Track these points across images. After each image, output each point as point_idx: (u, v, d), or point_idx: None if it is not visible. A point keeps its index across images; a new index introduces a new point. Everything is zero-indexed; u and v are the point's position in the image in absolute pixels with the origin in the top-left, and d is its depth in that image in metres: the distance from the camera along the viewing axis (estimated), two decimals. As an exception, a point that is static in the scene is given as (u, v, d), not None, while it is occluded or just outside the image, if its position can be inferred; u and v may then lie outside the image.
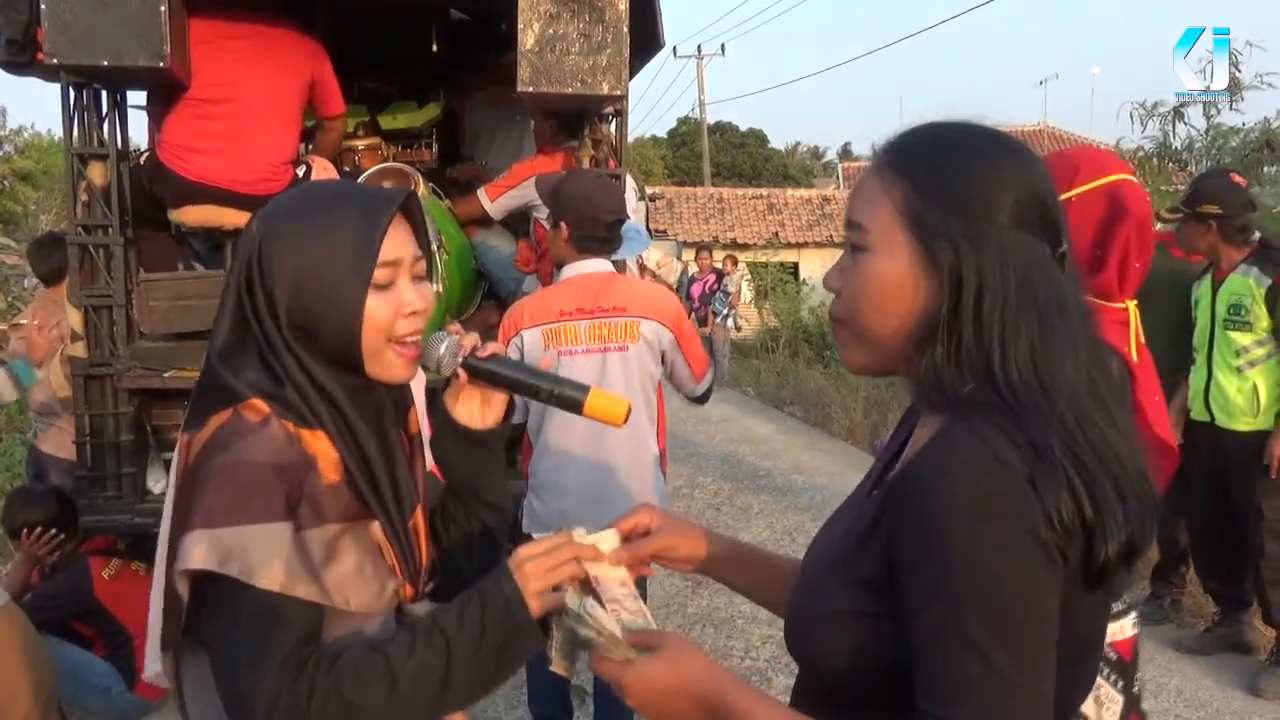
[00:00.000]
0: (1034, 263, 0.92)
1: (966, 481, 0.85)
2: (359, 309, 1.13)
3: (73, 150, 3.24)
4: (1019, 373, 0.89)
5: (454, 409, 1.27)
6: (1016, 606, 0.84)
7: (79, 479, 3.45)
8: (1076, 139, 27.17)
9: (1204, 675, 3.88)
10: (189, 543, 1.05)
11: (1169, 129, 7.50)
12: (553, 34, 3.13)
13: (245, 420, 1.11)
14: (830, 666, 0.96)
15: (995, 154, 0.96)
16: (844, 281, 1.00)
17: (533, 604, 1.08)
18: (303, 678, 1.04)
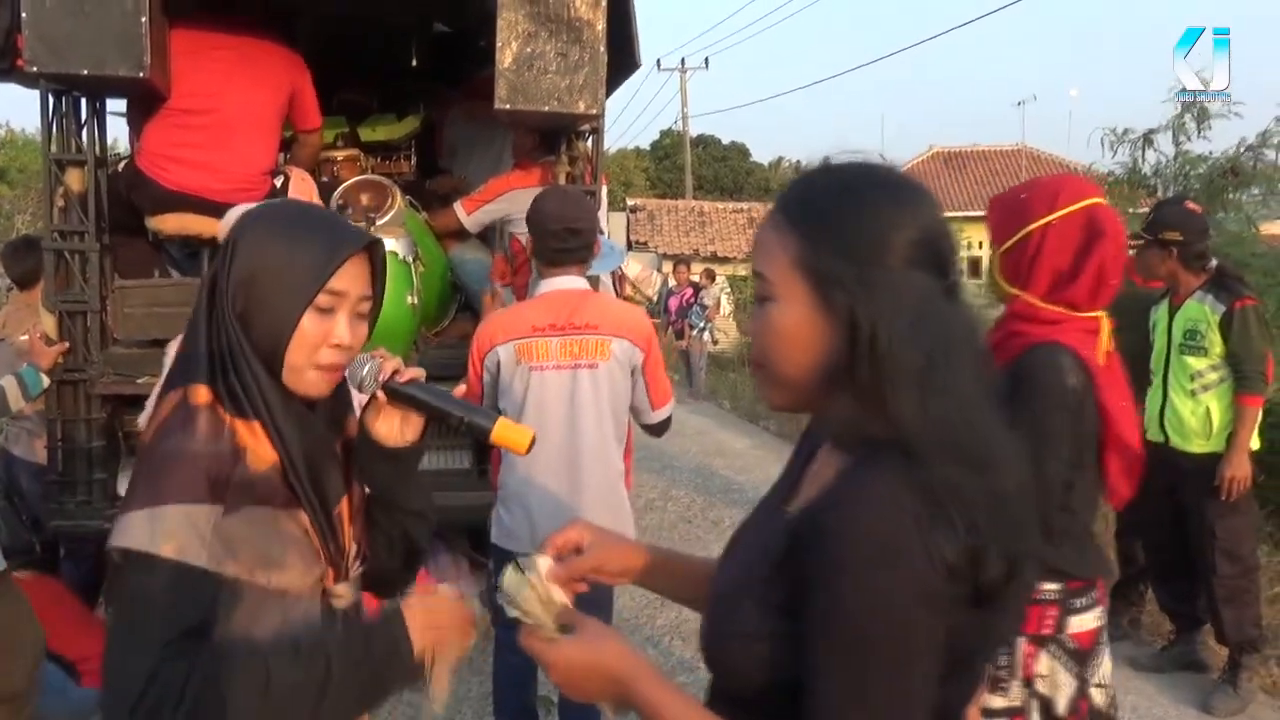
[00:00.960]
0: (924, 299, 0.97)
1: (866, 526, 0.91)
2: (293, 321, 1.22)
3: (51, 156, 3.27)
4: (908, 411, 0.94)
5: (373, 425, 1.34)
6: (899, 649, 0.91)
7: (49, 483, 3.46)
8: (1054, 159, 27.51)
9: (1158, 693, 3.95)
10: (122, 523, 1.15)
11: (1139, 155, 7.63)
12: (530, 53, 3.19)
13: (189, 407, 1.20)
14: (741, 680, 1.03)
15: (882, 198, 1.01)
16: (756, 328, 1.06)
17: (418, 646, 1.19)
18: (182, 661, 1.10)
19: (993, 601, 0.94)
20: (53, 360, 3.28)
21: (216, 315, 1.24)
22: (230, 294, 1.22)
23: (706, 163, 43.63)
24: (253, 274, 1.22)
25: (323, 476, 1.30)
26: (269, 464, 1.23)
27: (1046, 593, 2.00)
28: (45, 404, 3.42)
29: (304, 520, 1.26)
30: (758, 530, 1.14)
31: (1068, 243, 1.99)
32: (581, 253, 2.83)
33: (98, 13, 2.93)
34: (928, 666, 0.93)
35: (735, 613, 1.04)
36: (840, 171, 1.05)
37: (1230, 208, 7.33)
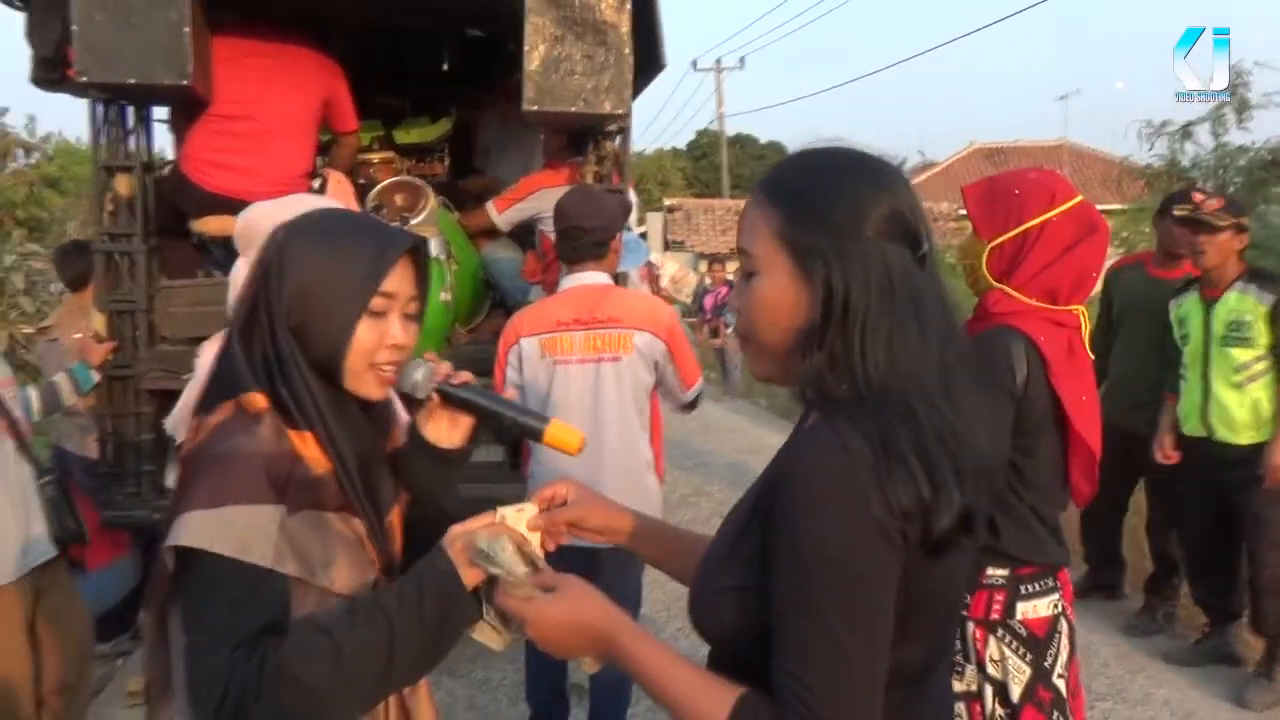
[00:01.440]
0: (895, 267, 1.04)
1: (817, 471, 0.98)
2: (350, 328, 1.26)
3: (100, 163, 3.41)
4: (875, 369, 1.00)
5: (424, 428, 1.39)
6: (853, 581, 0.96)
7: (100, 475, 3.60)
8: (1097, 154, 27.08)
9: (1191, 686, 3.93)
10: (183, 522, 1.15)
11: (1177, 148, 7.55)
12: (557, 55, 3.26)
13: (244, 414, 1.23)
14: (720, 634, 1.09)
15: (857, 177, 1.08)
16: (741, 302, 1.12)
17: (466, 576, 1.18)
18: (254, 658, 1.11)
19: (946, 551, 0.99)
20: (103, 357, 3.42)
21: (263, 327, 1.26)
22: (284, 308, 1.25)
23: (744, 162, 43.53)
24: (304, 286, 1.25)
25: (376, 483, 1.34)
26: (324, 470, 1.26)
27: (994, 577, 2.02)
28: (96, 400, 3.56)
29: (358, 526, 1.29)
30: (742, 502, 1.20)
31: (1061, 238, 2.02)
32: (595, 250, 2.89)
33: (144, 24, 3.06)
34: (884, 603, 0.98)
35: (718, 571, 1.10)
36: (818, 154, 1.12)
37: (1273, 200, 7.23)
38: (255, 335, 1.27)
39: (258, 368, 1.26)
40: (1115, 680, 3.96)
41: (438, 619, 1.17)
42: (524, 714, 3.36)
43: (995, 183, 2.16)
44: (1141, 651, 4.26)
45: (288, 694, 1.11)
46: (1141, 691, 3.86)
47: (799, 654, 0.97)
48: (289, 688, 1.11)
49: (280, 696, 1.11)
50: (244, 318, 1.29)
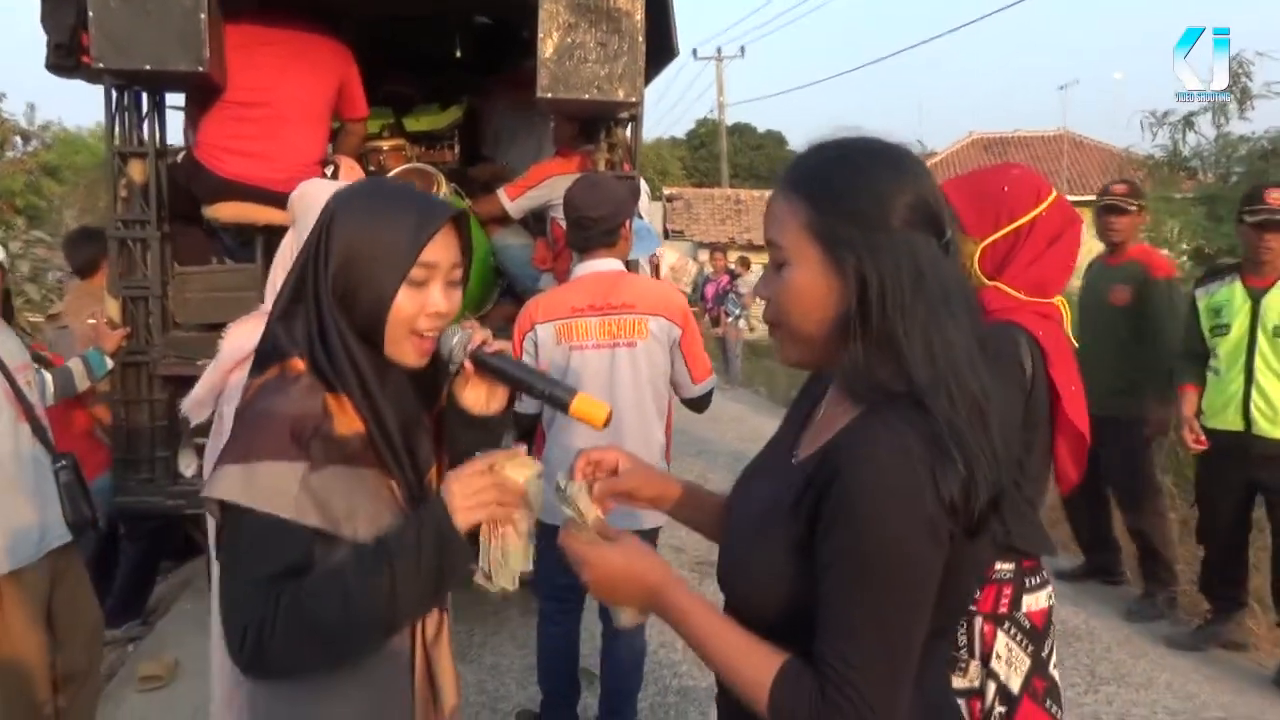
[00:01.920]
0: (924, 256, 1.08)
1: (879, 467, 1.02)
2: (390, 296, 1.31)
3: (114, 149, 3.42)
4: (917, 355, 1.05)
5: (461, 394, 1.44)
6: (904, 572, 1.03)
7: (114, 461, 3.62)
8: (1096, 144, 27.07)
9: (1193, 670, 3.98)
10: (216, 476, 1.24)
11: (1179, 137, 7.55)
12: (571, 43, 3.28)
13: (284, 376, 1.30)
14: (754, 605, 1.14)
15: (880, 167, 1.11)
16: (771, 291, 1.16)
17: (459, 520, 1.23)
18: (271, 599, 1.19)
19: (981, 533, 1.06)
20: (116, 344, 3.44)
21: (309, 295, 1.32)
22: (329, 276, 1.30)
23: (742, 151, 43.49)
24: (350, 255, 1.30)
25: (415, 445, 1.39)
26: (354, 430, 1.31)
27: (1002, 571, 2.04)
28: (110, 386, 3.58)
29: (394, 487, 1.34)
30: (770, 476, 1.25)
31: (1049, 233, 2.05)
32: (604, 238, 2.92)
33: (159, 11, 3.07)
34: (928, 594, 1.05)
35: (756, 550, 1.15)
36: (840, 145, 1.15)
37: (1274, 189, 7.25)
38: (302, 302, 1.33)
39: (298, 334, 1.32)
40: (1118, 665, 4.01)
41: (434, 560, 1.22)
42: (534, 697, 3.39)
43: (981, 180, 2.16)
44: (1143, 637, 4.30)
45: (300, 632, 1.18)
46: (1144, 675, 3.91)
47: (848, 636, 1.03)
48: (302, 626, 1.18)
49: (293, 634, 1.18)
50: (292, 286, 1.34)
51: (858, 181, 1.10)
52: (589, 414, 1.39)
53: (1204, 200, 7.18)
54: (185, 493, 3.60)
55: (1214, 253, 6.82)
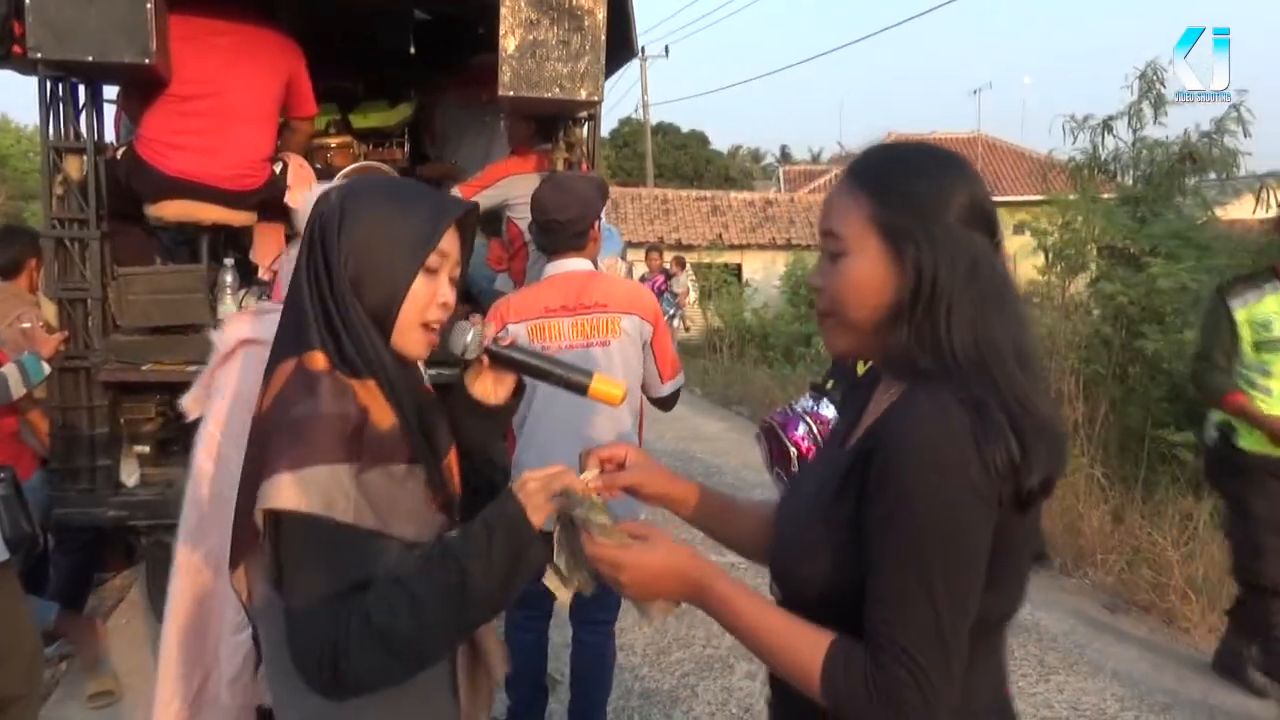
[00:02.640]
0: (979, 251, 1.13)
1: (923, 435, 1.04)
2: (408, 282, 1.30)
3: (49, 144, 3.25)
4: (962, 343, 1.09)
5: (471, 386, 1.46)
6: (953, 539, 1.04)
7: (51, 472, 3.45)
8: (1008, 147, 27.93)
9: (1137, 657, 4.12)
10: (271, 485, 1.18)
11: (1098, 141, 7.82)
12: (533, 40, 3.23)
13: (308, 372, 1.25)
14: (808, 585, 1.15)
15: (938, 167, 1.16)
16: (826, 280, 1.19)
17: (534, 518, 1.22)
18: (343, 618, 1.16)
19: (1030, 509, 1.07)
20: (54, 348, 3.27)
21: (321, 283, 1.29)
22: (343, 261, 1.28)
23: (666, 151, 43.68)
24: (367, 240, 1.29)
25: (433, 430, 1.38)
26: (390, 423, 1.28)
27: None
28: (46, 392, 3.40)
29: (420, 475, 1.32)
30: (822, 465, 1.28)
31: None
32: (573, 240, 2.88)
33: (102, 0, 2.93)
34: (978, 557, 1.06)
35: (808, 529, 1.17)
36: (902, 147, 1.22)
37: (1188, 192, 7.56)
38: (312, 291, 1.30)
39: (312, 330, 1.28)
40: (1066, 654, 4.13)
41: (508, 559, 1.20)
42: (501, 702, 3.35)
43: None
44: (1087, 626, 4.44)
45: (375, 647, 1.15)
46: (1091, 664, 4.04)
47: (897, 602, 1.04)
48: (376, 641, 1.15)
49: (368, 651, 1.15)
50: (300, 274, 1.31)
51: (919, 179, 1.15)
52: (607, 394, 1.43)
53: (1126, 201, 7.45)
54: (127, 503, 3.44)
55: (1137, 252, 7.09)
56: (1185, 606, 4.42)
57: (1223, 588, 4.34)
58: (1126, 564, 4.98)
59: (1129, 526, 5.22)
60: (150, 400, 3.59)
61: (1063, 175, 8.41)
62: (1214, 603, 4.39)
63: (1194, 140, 7.31)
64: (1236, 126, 7.12)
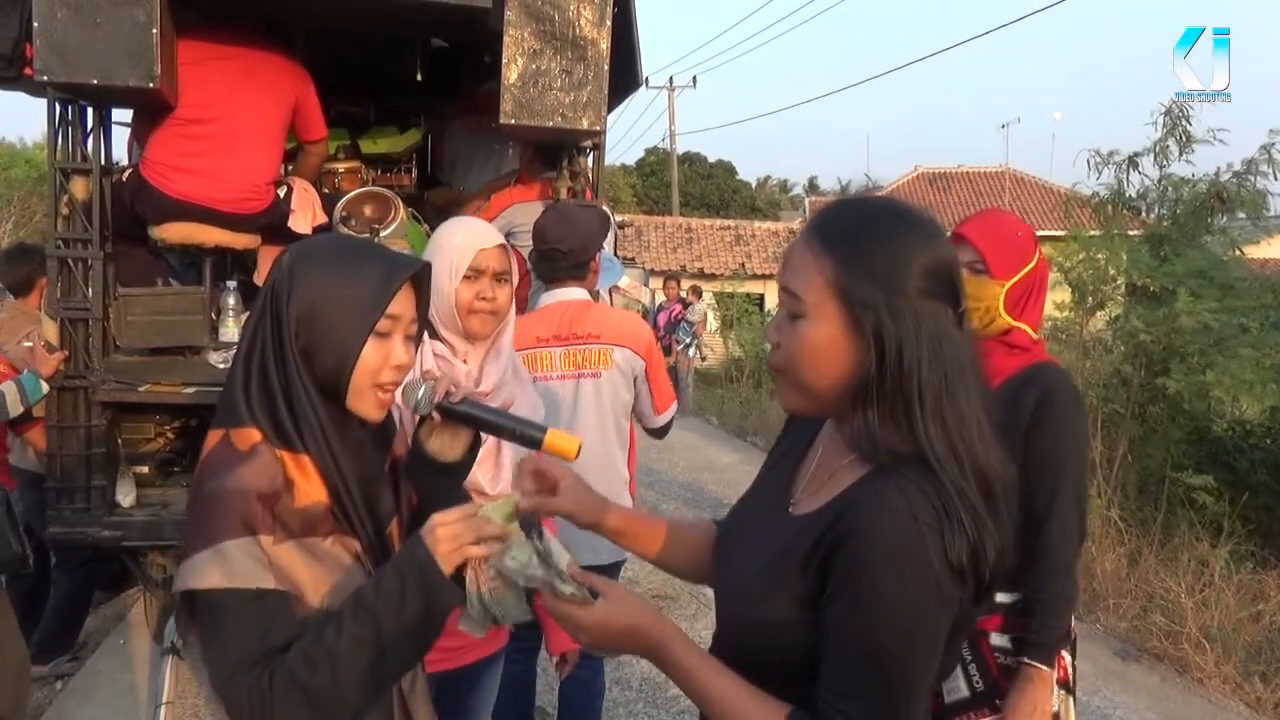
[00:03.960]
0: (940, 326, 1.09)
1: (890, 534, 1.03)
2: (358, 348, 1.29)
3: (56, 164, 3.28)
4: (932, 430, 1.07)
5: (427, 442, 1.44)
6: (912, 634, 1.04)
7: (47, 490, 3.45)
8: (1037, 181, 27.77)
9: (1146, 708, 4.00)
10: (186, 567, 1.20)
11: (1124, 177, 7.72)
12: (536, 69, 3.23)
13: (231, 449, 1.25)
14: (760, 660, 1.13)
15: (906, 233, 1.12)
16: (782, 338, 1.15)
17: (444, 564, 1.20)
18: (263, 677, 1.16)
19: (985, 599, 1.07)
20: (54, 368, 3.28)
21: (267, 353, 1.28)
22: (292, 328, 1.27)
23: (693, 180, 43.86)
24: (314, 307, 1.28)
25: (376, 500, 1.37)
26: (314, 499, 1.28)
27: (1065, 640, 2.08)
28: (44, 411, 3.42)
29: (355, 546, 1.31)
30: (768, 527, 1.24)
31: (1045, 276, 2.17)
32: (573, 271, 2.88)
33: (109, 24, 2.95)
34: (935, 656, 1.06)
35: (762, 603, 1.15)
36: (869, 204, 1.16)
37: (1215, 231, 7.45)
38: (257, 357, 1.29)
39: (255, 394, 1.28)
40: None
41: (421, 607, 1.19)
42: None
43: (1001, 224, 2.19)
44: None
45: (295, 703, 1.16)
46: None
47: (850, 694, 1.04)
48: (295, 697, 1.16)
49: (290, 707, 1.16)
50: (250, 339, 1.30)
51: (885, 245, 1.10)
52: (561, 449, 1.40)
53: (1149, 239, 7.35)
54: (122, 523, 3.44)
55: (1157, 290, 6.98)
56: (1199, 656, 4.30)
57: (1238, 637, 4.22)
58: (1141, 610, 4.86)
59: (1143, 571, 5.10)
60: (149, 421, 3.60)
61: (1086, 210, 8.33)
62: (1229, 652, 4.26)
63: (1223, 180, 7.21)
64: (1268, 167, 7.03)
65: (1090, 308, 7.46)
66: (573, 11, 3.22)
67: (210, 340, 3.41)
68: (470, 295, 2.04)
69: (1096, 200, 7.90)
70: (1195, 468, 5.91)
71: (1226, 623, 4.41)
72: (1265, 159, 6.94)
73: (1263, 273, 7.87)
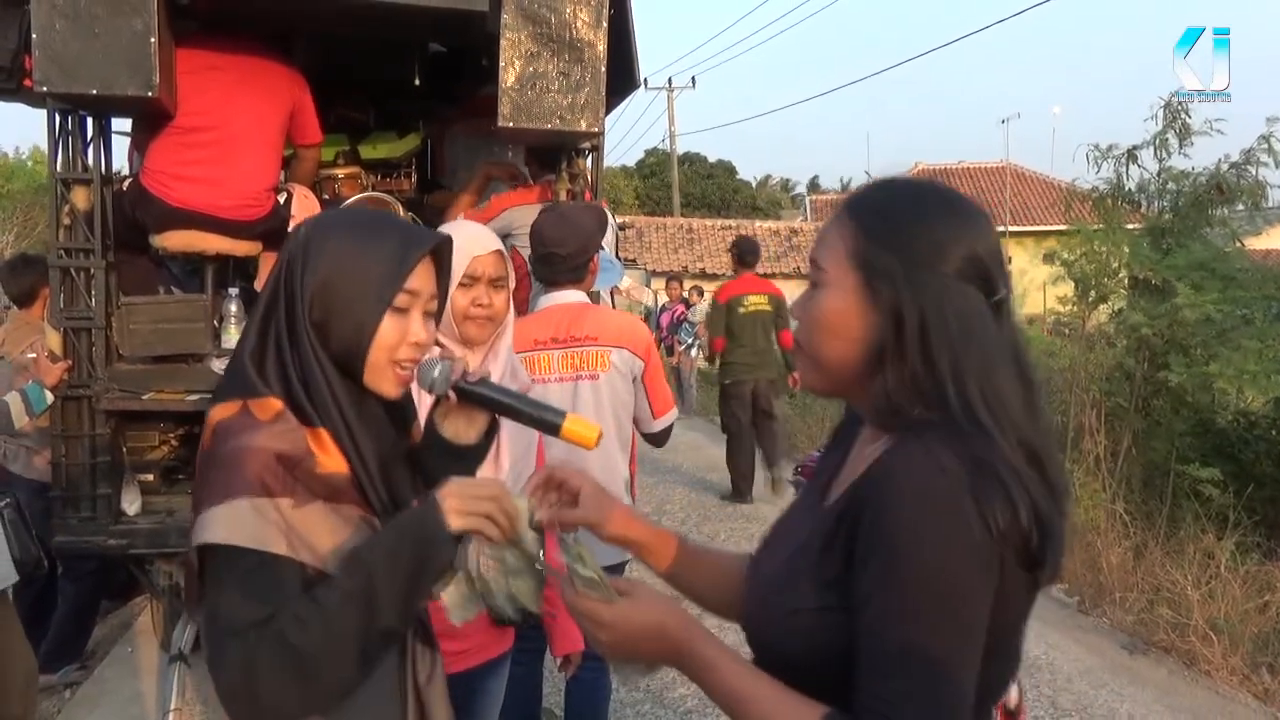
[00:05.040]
0: (970, 307, 1.04)
1: (916, 488, 0.96)
2: (375, 324, 1.26)
3: (57, 175, 3.29)
4: (970, 400, 1.00)
5: (441, 425, 1.40)
6: (951, 602, 0.95)
7: (53, 499, 3.46)
8: (1037, 176, 27.74)
9: (1153, 700, 4.00)
10: (200, 521, 1.16)
11: (1123, 171, 7.72)
12: (533, 72, 3.24)
13: (250, 416, 1.22)
14: (790, 656, 1.06)
15: (943, 212, 1.08)
16: (802, 311, 1.13)
17: (449, 519, 1.15)
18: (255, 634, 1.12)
19: (1036, 566, 0.99)
20: (58, 377, 3.29)
21: (280, 323, 1.25)
22: (308, 302, 1.24)
23: (693, 180, 43.82)
24: (329, 281, 1.25)
25: (395, 480, 1.34)
26: (337, 470, 1.24)
27: None
28: (50, 420, 3.43)
29: (375, 524, 1.28)
30: (801, 521, 1.19)
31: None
32: (571, 273, 2.87)
33: (107, 34, 2.96)
34: (978, 625, 0.97)
35: (789, 592, 1.08)
36: (912, 183, 1.13)
37: (1215, 223, 7.44)
38: (273, 330, 1.26)
39: (270, 371, 1.25)
40: (1080, 696, 4.02)
41: (414, 558, 1.15)
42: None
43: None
44: (1103, 668, 4.32)
45: (287, 663, 1.11)
46: (1106, 707, 3.92)
47: (893, 671, 0.95)
48: (287, 657, 1.11)
49: (281, 667, 1.11)
50: (264, 312, 1.28)
51: (916, 220, 1.07)
52: (580, 436, 1.36)
53: (1149, 232, 7.34)
54: (128, 532, 3.45)
55: (1158, 283, 6.98)
56: (1206, 648, 4.29)
57: (1245, 628, 4.22)
58: (1148, 603, 4.85)
59: (1149, 564, 5.09)
60: (154, 429, 3.61)
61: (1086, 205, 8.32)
62: (1236, 644, 4.26)
63: (1223, 171, 7.21)
64: (1267, 157, 7.02)
65: (1093, 301, 7.45)
66: (569, 14, 3.23)
67: (213, 347, 3.42)
68: (466, 302, 2.06)
69: (1096, 194, 7.90)
70: (1200, 460, 5.91)
71: (1233, 614, 4.41)
72: (1264, 149, 6.93)
73: (1265, 263, 7.86)
